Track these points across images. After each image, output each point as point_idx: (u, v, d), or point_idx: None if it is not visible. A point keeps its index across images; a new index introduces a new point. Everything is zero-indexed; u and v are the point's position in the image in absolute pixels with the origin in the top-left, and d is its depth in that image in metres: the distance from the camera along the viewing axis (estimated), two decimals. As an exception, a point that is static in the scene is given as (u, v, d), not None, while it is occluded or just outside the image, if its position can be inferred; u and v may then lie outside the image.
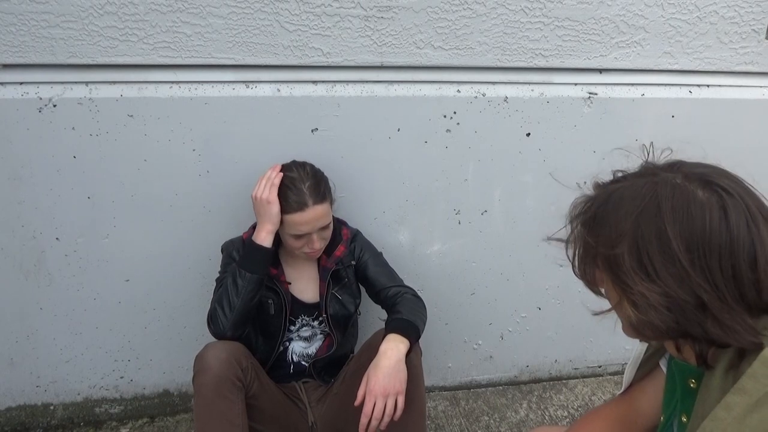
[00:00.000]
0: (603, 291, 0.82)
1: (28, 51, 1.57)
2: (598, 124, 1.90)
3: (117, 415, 1.98)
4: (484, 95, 1.81)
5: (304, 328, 1.66)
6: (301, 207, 1.47)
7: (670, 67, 1.89)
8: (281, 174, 1.52)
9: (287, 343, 1.66)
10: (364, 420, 1.33)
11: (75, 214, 1.73)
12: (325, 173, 1.60)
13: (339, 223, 1.69)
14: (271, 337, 1.62)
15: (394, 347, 1.40)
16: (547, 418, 2.04)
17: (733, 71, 1.93)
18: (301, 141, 1.73)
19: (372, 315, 1.94)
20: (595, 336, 2.19)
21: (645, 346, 1.00)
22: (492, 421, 2.01)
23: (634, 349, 1.03)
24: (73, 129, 1.65)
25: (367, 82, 1.75)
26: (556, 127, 1.88)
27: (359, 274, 1.68)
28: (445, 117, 1.81)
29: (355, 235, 1.71)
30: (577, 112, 1.87)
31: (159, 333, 1.90)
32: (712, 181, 0.72)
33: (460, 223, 1.94)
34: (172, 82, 1.67)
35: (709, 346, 0.74)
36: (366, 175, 1.82)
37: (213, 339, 1.52)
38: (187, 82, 1.67)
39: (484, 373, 2.18)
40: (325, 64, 1.71)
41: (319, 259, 1.64)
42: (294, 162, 1.59)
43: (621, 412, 1.06)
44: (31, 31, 1.55)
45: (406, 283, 1.68)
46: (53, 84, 1.62)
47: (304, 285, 1.64)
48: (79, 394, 1.94)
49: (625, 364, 1.06)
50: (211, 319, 1.51)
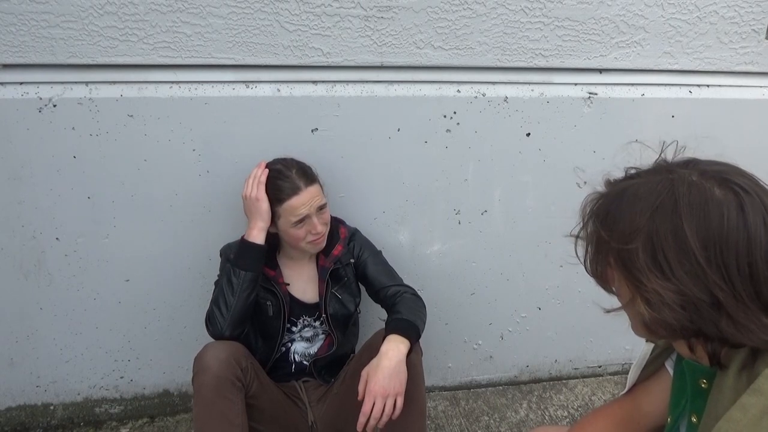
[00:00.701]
0: (614, 289, 0.81)
1: (28, 51, 1.57)
2: (598, 124, 1.90)
3: (117, 415, 1.98)
4: (484, 95, 1.81)
5: (306, 329, 1.66)
6: (295, 191, 1.50)
7: (670, 67, 1.89)
8: (266, 170, 1.55)
9: (289, 344, 1.66)
10: (362, 419, 1.33)
11: (75, 214, 1.73)
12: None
13: (336, 222, 1.70)
14: (270, 338, 1.62)
15: (395, 348, 1.41)
16: (547, 418, 2.04)
17: (733, 71, 1.93)
18: (301, 141, 1.73)
19: (372, 315, 1.94)
20: (595, 336, 2.19)
21: (651, 346, 1.00)
22: (492, 421, 2.01)
23: (639, 349, 1.03)
24: (73, 129, 1.65)
25: (367, 82, 1.75)
26: (556, 127, 1.88)
27: (359, 273, 1.68)
28: (445, 117, 1.81)
29: (354, 233, 1.71)
30: (577, 112, 1.87)
31: (159, 333, 1.90)
32: (729, 179, 0.71)
33: (460, 223, 1.94)
34: (172, 82, 1.67)
35: (722, 345, 0.73)
36: (366, 175, 1.82)
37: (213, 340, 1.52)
38: (187, 82, 1.67)
39: (484, 373, 2.18)
40: (325, 64, 1.71)
41: (317, 259, 1.64)
42: (276, 158, 1.61)
43: (624, 412, 1.05)
44: (31, 31, 1.55)
45: (406, 283, 1.68)
46: (53, 84, 1.63)
47: (304, 286, 1.65)
48: (79, 394, 1.94)
49: (626, 364, 1.05)
50: (209, 320, 1.52)
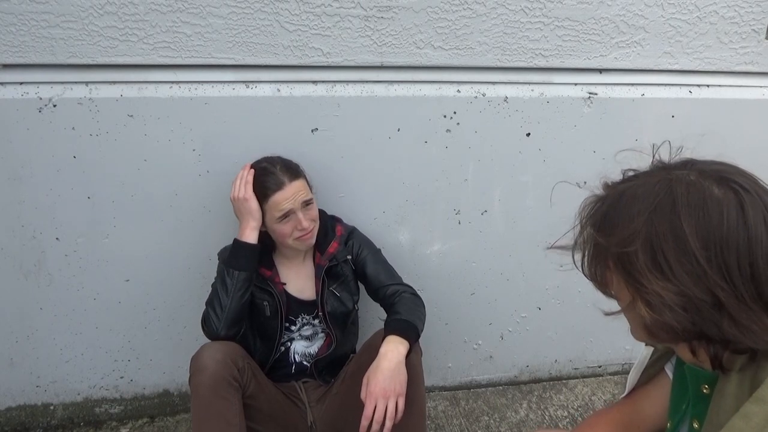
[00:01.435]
0: (614, 293, 0.80)
1: (28, 51, 1.57)
2: (598, 124, 1.90)
3: (117, 415, 1.98)
4: (484, 95, 1.81)
5: (305, 327, 1.66)
6: (280, 186, 1.52)
7: (670, 67, 1.89)
8: (252, 170, 1.56)
9: (288, 343, 1.66)
10: (364, 423, 1.33)
11: (75, 214, 1.73)
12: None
13: (333, 221, 1.70)
14: (268, 339, 1.62)
15: (394, 349, 1.41)
16: (547, 418, 2.04)
17: (733, 71, 1.93)
18: (301, 141, 1.73)
19: (372, 315, 1.94)
20: (595, 336, 2.18)
21: (650, 349, 0.99)
22: (492, 421, 2.01)
23: (640, 349, 1.02)
24: (73, 129, 1.65)
25: (367, 82, 1.75)
26: (556, 127, 1.88)
27: (358, 271, 1.68)
28: (445, 117, 1.81)
29: (351, 231, 1.71)
30: (577, 112, 1.87)
31: (159, 333, 1.90)
32: (728, 178, 0.70)
33: (460, 223, 1.94)
34: (172, 82, 1.67)
35: (725, 348, 0.72)
36: (366, 175, 1.82)
37: (212, 339, 1.52)
38: (187, 82, 1.67)
39: (484, 373, 2.18)
40: (325, 64, 1.71)
41: (313, 257, 1.65)
42: (262, 158, 1.63)
43: (624, 416, 1.05)
44: (31, 31, 1.55)
45: (406, 282, 1.68)
46: (53, 84, 1.63)
47: (302, 284, 1.65)
48: (79, 394, 1.94)
49: (626, 364, 1.05)
50: (204, 321, 1.53)
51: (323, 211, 1.69)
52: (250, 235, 1.53)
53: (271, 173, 1.54)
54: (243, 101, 1.69)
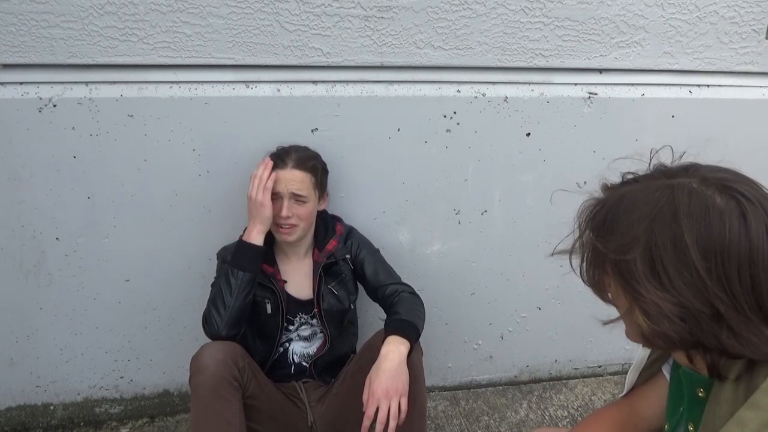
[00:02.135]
0: (611, 298, 0.79)
1: (28, 51, 1.57)
2: (598, 124, 1.90)
3: (117, 415, 1.98)
4: (484, 95, 1.81)
5: (303, 327, 1.66)
6: (282, 167, 1.55)
7: (670, 67, 1.89)
8: (273, 175, 1.54)
9: (287, 344, 1.66)
10: (366, 423, 1.32)
11: (75, 214, 1.73)
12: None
13: (333, 219, 1.70)
14: (268, 338, 1.62)
15: (395, 349, 1.40)
16: (547, 418, 2.04)
17: (733, 71, 1.93)
18: (301, 141, 1.72)
19: (372, 315, 1.94)
20: (595, 336, 2.18)
21: (648, 350, 0.99)
22: (492, 421, 2.01)
23: (637, 352, 1.02)
24: (73, 129, 1.65)
25: (367, 82, 1.75)
26: (556, 127, 1.88)
27: (356, 271, 1.68)
28: (445, 117, 1.81)
29: (350, 231, 1.71)
30: (577, 112, 1.87)
31: (159, 333, 1.90)
32: (731, 187, 0.69)
33: (460, 223, 1.94)
34: (172, 82, 1.67)
35: (722, 356, 0.71)
36: (366, 175, 1.82)
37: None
38: (187, 82, 1.67)
39: (484, 373, 2.18)
40: (325, 64, 1.71)
41: (312, 255, 1.65)
42: (292, 145, 1.66)
43: (622, 416, 1.05)
44: (31, 31, 1.55)
45: (406, 282, 1.68)
46: (53, 84, 1.63)
47: (301, 282, 1.64)
48: (79, 394, 1.94)
49: (626, 364, 1.05)
50: (206, 320, 1.52)
51: (324, 211, 1.69)
52: (257, 237, 1.53)
53: (286, 153, 1.57)
54: (243, 101, 1.69)
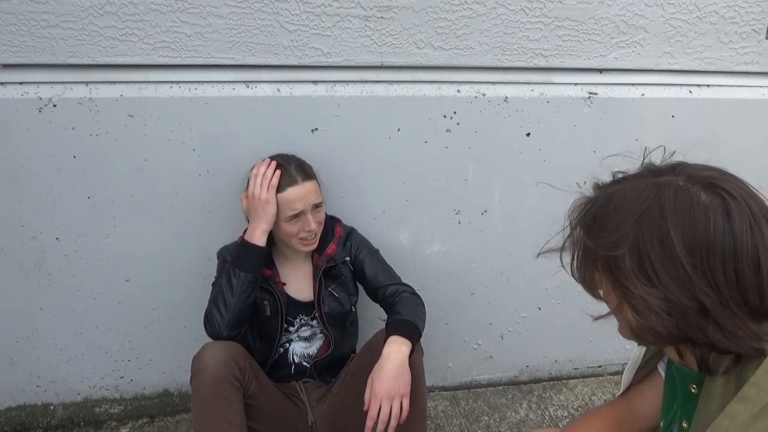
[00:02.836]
0: (602, 295, 0.81)
1: (28, 51, 1.57)
2: (598, 124, 1.90)
3: (117, 415, 1.98)
4: (484, 95, 1.81)
5: (303, 328, 1.66)
6: (292, 183, 1.51)
7: (670, 67, 1.89)
8: (278, 172, 1.52)
9: (287, 344, 1.66)
10: (369, 423, 1.33)
11: (75, 214, 1.73)
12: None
13: (332, 221, 1.70)
14: (268, 339, 1.62)
15: (397, 350, 1.41)
16: (547, 418, 2.04)
17: (733, 71, 1.93)
18: (301, 141, 1.73)
19: (372, 315, 1.94)
20: (595, 336, 2.19)
21: (643, 349, 1.00)
22: (492, 421, 2.01)
23: (633, 351, 1.03)
24: (73, 129, 1.65)
25: (367, 82, 1.75)
26: (556, 127, 1.88)
27: (356, 272, 1.68)
28: (445, 117, 1.81)
29: (350, 232, 1.71)
30: (577, 112, 1.87)
31: (159, 333, 1.90)
32: (716, 184, 0.71)
33: (460, 223, 1.94)
34: (172, 82, 1.67)
35: (711, 351, 0.73)
36: (366, 175, 1.82)
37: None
38: (187, 82, 1.67)
39: (484, 373, 2.18)
40: (325, 64, 1.71)
41: (312, 258, 1.65)
42: (276, 154, 1.62)
43: (619, 413, 1.06)
44: (31, 31, 1.55)
45: (406, 282, 1.68)
46: (53, 84, 1.63)
47: (300, 284, 1.64)
48: (79, 394, 1.94)
49: (625, 364, 1.06)
50: (207, 320, 1.52)
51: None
52: (260, 238, 1.51)
53: (286, 171, 1.53)
54: (243, 101, 1.69)
